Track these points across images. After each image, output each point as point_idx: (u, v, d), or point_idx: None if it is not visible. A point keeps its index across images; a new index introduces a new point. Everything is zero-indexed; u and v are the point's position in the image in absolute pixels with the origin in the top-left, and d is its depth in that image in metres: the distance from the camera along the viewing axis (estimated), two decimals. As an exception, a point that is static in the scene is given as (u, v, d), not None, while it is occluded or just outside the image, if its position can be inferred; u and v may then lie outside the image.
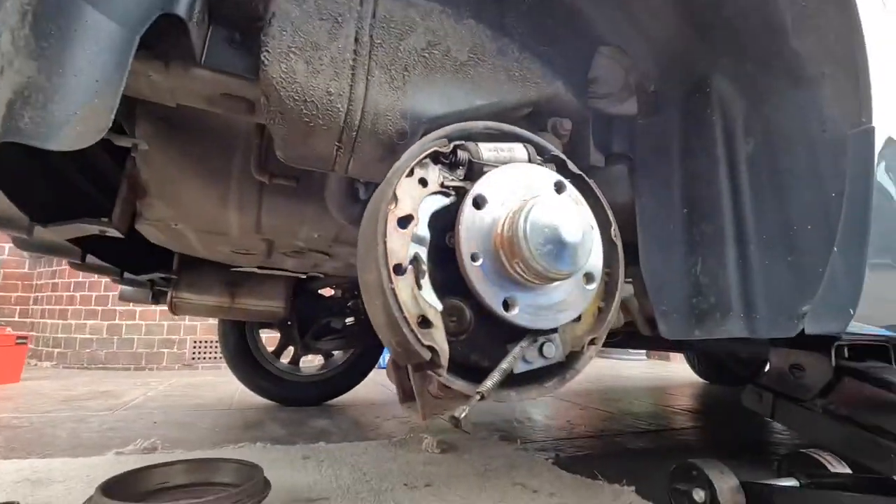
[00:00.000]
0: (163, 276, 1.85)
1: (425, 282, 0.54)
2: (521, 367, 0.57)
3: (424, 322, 0.53)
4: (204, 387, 3.21)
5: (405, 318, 0.51)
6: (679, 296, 0.93)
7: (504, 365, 0.54)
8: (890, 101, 0.74)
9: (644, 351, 5.89)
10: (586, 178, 0.69)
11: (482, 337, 0.59)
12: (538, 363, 0.58)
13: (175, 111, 0.89)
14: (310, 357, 2.75)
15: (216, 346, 4.30)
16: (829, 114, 0.77)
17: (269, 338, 2.54)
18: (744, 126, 0.87)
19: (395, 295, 0.51)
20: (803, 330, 0.76)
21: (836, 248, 0.73)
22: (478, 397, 0.52)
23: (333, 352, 2.59)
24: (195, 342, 4.42)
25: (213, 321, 4.09)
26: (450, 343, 0.55)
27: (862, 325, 0.84)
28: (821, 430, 0.97)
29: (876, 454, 0.86)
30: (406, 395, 0.74)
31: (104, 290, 4.36)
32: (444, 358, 0.52)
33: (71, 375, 3.78)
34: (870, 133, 0.71)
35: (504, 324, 0.57)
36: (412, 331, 0.51)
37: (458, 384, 0.54)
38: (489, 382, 0.53)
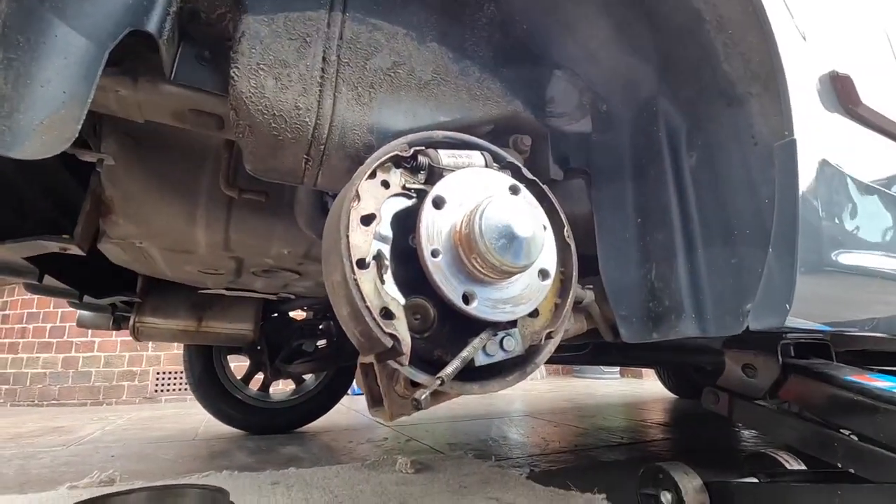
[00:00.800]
0: (125, 299, 1.79)
1: (388, 277, 0.56)
2: (482, 360, 0.59)
3: (387, 313, 0.56)
4: (167, 419, 3.07)
5: (367, 307, 0.53)
6: (636, 301, 0.98)
7: (464, 353, 0.56)
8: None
9: (618, 369, 5.98)
10: (540, 184, 0.74)
11: (445, 334, 0.61)
12: (499, 356, 0.61)
13: (142, 127, 0.90)
14: (280, 384, 2.68)
15: (181, 377, 4.12)
16: (759, 129, 0.85)
17: (238, 366, 2.47)
18: (686, 141, 0.94)
19: (357, 286, 0.53)
20: (748, 328, 0.82)
21: (770, 250, 0.79)
22: (438, 382, 0.54)
23: (304, 376, 2.53)
24: (158, 373, 4.22)
25: (178, 350, 3.93)
26: (414, 340, 0.57)
27: (804, 322, 0.91)
28: (773, 426, 1.02)
29: (821, 446, 0.91)
30: (374, 401, 0.75)
31: (60, 320, 4.15)
32: (406, 346, 0.54)
33: (19, 413, 3.54)
34: (792, 145, 0.79)
35: (465, 320, 0.60)
36: (374, 319, 0.53)
37: (422, 377, 0.56)
38: (449, 369, 0.55)
